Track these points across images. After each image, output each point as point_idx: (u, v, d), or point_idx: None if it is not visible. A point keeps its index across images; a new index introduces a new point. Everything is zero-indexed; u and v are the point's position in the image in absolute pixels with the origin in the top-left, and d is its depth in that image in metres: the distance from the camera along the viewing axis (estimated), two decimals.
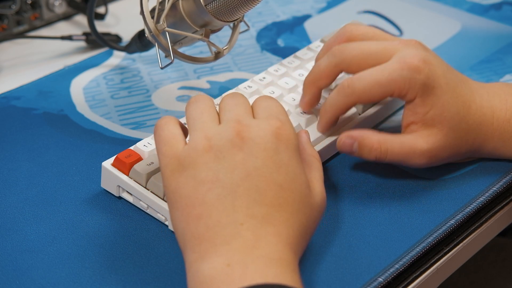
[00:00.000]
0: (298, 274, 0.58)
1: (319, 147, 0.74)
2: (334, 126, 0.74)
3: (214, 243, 0.57)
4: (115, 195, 0.71)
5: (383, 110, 0.80)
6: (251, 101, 0.64)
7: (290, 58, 0.84)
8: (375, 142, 0.70)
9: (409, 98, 0.70)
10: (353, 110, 0.77)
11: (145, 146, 0.71)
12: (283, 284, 0.55)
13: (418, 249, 0.67)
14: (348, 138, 0.71)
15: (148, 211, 0.70)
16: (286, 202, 0.59)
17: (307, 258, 0.65)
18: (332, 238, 0.67)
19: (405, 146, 0.70)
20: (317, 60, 0.76)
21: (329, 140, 0.75)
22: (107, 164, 0.71)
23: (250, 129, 0.60)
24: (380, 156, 0.71)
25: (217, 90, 0.87)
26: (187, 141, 0.61)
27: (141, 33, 0.85)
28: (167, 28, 0.73)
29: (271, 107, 0.63)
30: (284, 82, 0.80)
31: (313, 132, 0.74)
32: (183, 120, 0.71)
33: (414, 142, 0.71)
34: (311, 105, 0.75)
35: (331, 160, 0.76)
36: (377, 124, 0.81)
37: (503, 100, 0.73)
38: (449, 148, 0.72)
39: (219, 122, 0.62)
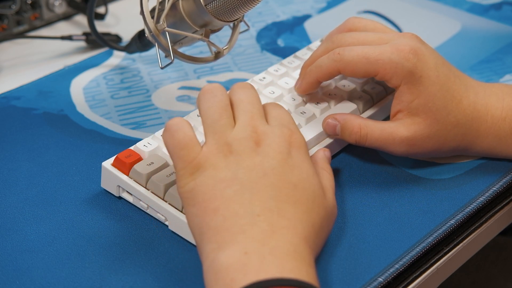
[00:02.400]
0: (314, 269, 0.59)
1: (319, 146, 0.74)
2: (313, 90, 0.76)
3: (231, 231, 0.58)
4: (115, 195, 0.71)
5: (383, 110, 0.80)
6: (262, 97, 0.67)
7: (290, 58, 0.84)
8: (356, 126, 0.72)
9: (394, 84, 0.72)
10: (353, 107, 0.77)
11: (145, 146, 0.71)
12: (299, 279, 0.56)
13: (418, 249, 0.67)
14: (332, 119, 0.74)
15: (148, 211, 0.70)
16: (300, 200, 0.61)
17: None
18: (332, 238, 0.67)
19: (385, 132, 0.72)
20: (316, 50, 0.77)
21: (328, 140, 0.75)
22: (107, 164, 0.71)
23: (266, 136, 0.63)
24: (360, 140, 0.73)
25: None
26: (204, 143, 0.62)
27: (141, 33, 0.85)
28: (167, 28, 0.73)
29: (281, 116, 0.66)
30: (284, 82, 0.80)
31: (311, 130, 0.74)
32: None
33: (395, 129, 0.72)
34: (305, 91, 0.76)
35: (331, 160, 0.76)
36: None
37: (500, 99, 0.73)
38: (432, 140, 0.72)
39: (234, 121, 0.63)
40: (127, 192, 0.70)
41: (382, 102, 0.80)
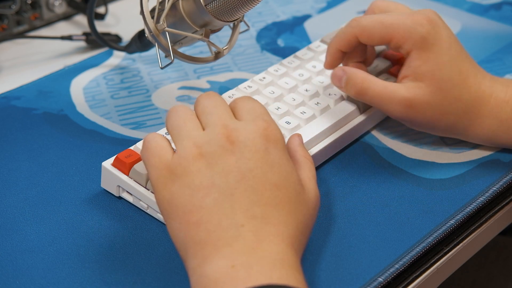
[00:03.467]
0: (302, 275, 0.58)
1: (319, 147, 0.74)
2: (338, 63, 0.77)
3: (217, 245, 0.57)
4: (115, 195, 0.71)
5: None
6: (228, 101, 0.65)
7: (290, 58, 0.84)
8: (359, 78, 0.73)
9: (406, 49, 0.73)
10: (353, 107, 0.77)
11: None
12: (288, 285, 0.55)
13: (418, 249, 0.67)
14: (340, 70, 0.75)
15: (148, 211, 0.70)
16: (283, 201, 0.59)
17: (307, 258, 0.65)
18: (332, 238, 0.67)
19: (387, 89, 0.72)
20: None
21: (328, 140, 0.75)
22: (107, 164, 0.71)
23: (238, 132, 0.60)
24: (360, 91, 0.73)
25: (217, 90, 0.87)
26: (175, 151, 0.61)
27: (141, 33, 0.85)
28: (167, 28, 0.73)
29: (254, 108, 0.63)
30: (284, 82, 0.80)
31: (312, 130, 0.74)
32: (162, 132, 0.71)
33: (397, 88, 0.72)
34: (331, 65, 0.77)
35: (331, 160, 0.76)
36: (377, 124, 0.81)
37: (505, 85, 0.74)
38: (431, 107, 0.72)
39: (203, 128, 0.61)
40: (127, 192, 0.70)
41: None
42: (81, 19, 1.02)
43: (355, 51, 0.77)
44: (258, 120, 0.62)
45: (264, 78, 0.81)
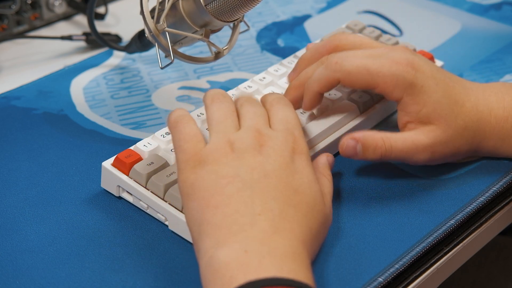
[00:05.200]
0: (311, 272, 0.59)
1: (319, 147, 0.74)
2: (318, 104, 0.74)
3: (232, 230, 0.58)
4: (115, 195, 0.71)
5: (383, 110, 0.80)
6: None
7: (290, 58, 0.84)
8: (379, 140, 0.71)
9: (396, 97, 0.71)
10: (353, 107, 0.77)
11: (145, 146, 0.71)
12: (297, 280, 0.56)
13: (418, 249, 0.67)
14: (351, 140, 0.71)
15: (148, 211, 0.70)
16: (300, 204, 0.61)
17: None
18: (332, 238, 0.67)
19: (407, 141, 0.71)
20: (301, 60, 0.77)
21: (328, 140, 0.75)
22: (107, 164, 0.71)
23: (269, 138, 0.64)
24: (386, 153, 0.71)
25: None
26: (208, 141, 0.63)
27: (141, 33, 0.85)
28: (167, 28, 0.73)
29: (287, 119, 0.66)
30: (284, 82, 0.80)
31: (312, 130, 0.74)
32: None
33: (416, 137, 0.71)
34: (310, 105, 0.73)
35: (333, 166, 0.76)
36: (377, 124, 0.81)
37: (500, 99, 0.74)
38: (449, 145, 0.72)
39: (239, 127, 0.64)
40: (127, 192, 0.70)
41: (382, 102, 0.80)
42: (81, 19, 1.02)
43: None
44: (289, 134, 0.65)
45: (264, 78, 0.81)
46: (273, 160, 0.62)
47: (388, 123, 0.81)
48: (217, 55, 0.79)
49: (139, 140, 0.76)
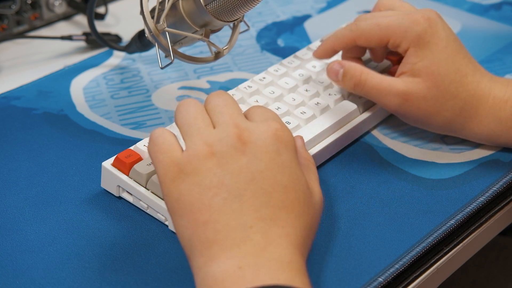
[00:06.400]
0: (307, 278, 0.58)
1: (319, 147, 0.74)
2: (327, 57, 0.78)
3: (224, 246, 0.57)
4: (115, 195, 0.71)
5: (383, 110, 0.80)
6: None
7: (290, 58, 0.84)
8: (357, 70, 0.74)
9: (403, 48, 0.74)
10: (353, 107, 0.77)
11: (145, 146, 0.71)
12: (295, 286, 0.55)
13: (418, 249, 0.67)
14: (337, 64, 0.76)
15: (148, 211, 0.70)
16: (292, 203, 0.59)
17: (308, 258, 0.65)
18: (332, 238, 0.67)
19: (384, 81, 0.74)
20: None
21: (328, 140, 0.75)
22: (107, 164, 0.71)
23: (249, 132, 0.60)
24: (359, 83, 0.74)
25: (217, 90, 0.87)
26: (184, 149, 0.60)
27: (141, 33, 0.85)
28: (167, 28, 0.73)
29: (266, 112, 0.63)
30: (284, 82, 0.80)
31: (312, 130, 0.74)
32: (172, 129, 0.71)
33: (394, 82, 0.74)
34: (321, 56, 0.78)
35: (331, 160, 0.76)
36: (377, 124, 0.81)
37: (504, 85, 0.74)
38: (427, 102, 0.73)
39: (214, 126, 0.61)
40: (127, 192, 0.70)
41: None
42: (81, 19, 1.02)
43: (355, 48, 0.78)
44: (270, 121, 0.61)
45: (264, 78, 0.81)
46: (259, 160, 0.59)
47: (389, 123, 0.81)
48: (217, 55, 0.79)
49: (139, 140, 0.76)
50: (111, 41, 0.91)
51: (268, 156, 0.59)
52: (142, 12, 0.74)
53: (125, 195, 0.71)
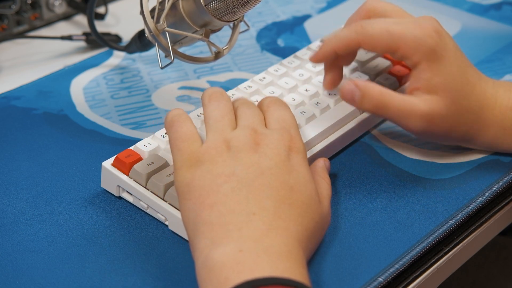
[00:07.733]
0: (307, 270, 0.59)
1: (319, 147, 0.74)
2: (328, 60, 0.74)
3: (227, 228, 0.59)
4: (115, 195, 0.71)
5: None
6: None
7: (290, 58, 0.84)
8: (377, 92, 0.70)
9: (414, 61, 0.71)
10: (353, 107, 0.77)
11: (145, 146, 0.71)
12: (293, 278, 0.56)
13: (418, 249, 0.67)
14: (351, 85, 0.71)
15: (148, 211, 0.70)
16: (296, 203, 0.61)
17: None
18: (332, 238, 0.67)
19: (405, 103, 0.70)
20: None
21: (328, 140, 0.75)
22: (107, 164, 0.71)
23: (264, 137, 0.64)
24: (380, 106, 0.70)
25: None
26: (204, 140, 0.64)
27: (141, 33, 0.85)
28: (167, 28, 0.73)
29: (283, 118, 0.67)
30: (284, 82, 0.80)
31: (312, 130, 0.74)
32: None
33: (416, 101, 0.70)
34: (319, 60, 0.74)
35: (331, 160, 0.76)
36: (377, 124, 0.81)
37: (507, 90, 0.74)
38: (447, 120, 0.71)
39: (236, 127, 0.65)
40: (127, 192, 0.70)
41: None
42: (81, 19, 1.02)
43: (348, 55, 0.76)
44: (285, 132, 0.65)
45: (264, 78, 0.81)
46: (269, 158, 0.62)
47: (388, 123, 0.81)
48: (217, 55, 0.79)
49: (139, 140, 0.76)
50: (111, 41, 0.91)
51: (279, 157, 0.63)
52: (142, 12, 0.74)
53: (125, 195, 0.71)
